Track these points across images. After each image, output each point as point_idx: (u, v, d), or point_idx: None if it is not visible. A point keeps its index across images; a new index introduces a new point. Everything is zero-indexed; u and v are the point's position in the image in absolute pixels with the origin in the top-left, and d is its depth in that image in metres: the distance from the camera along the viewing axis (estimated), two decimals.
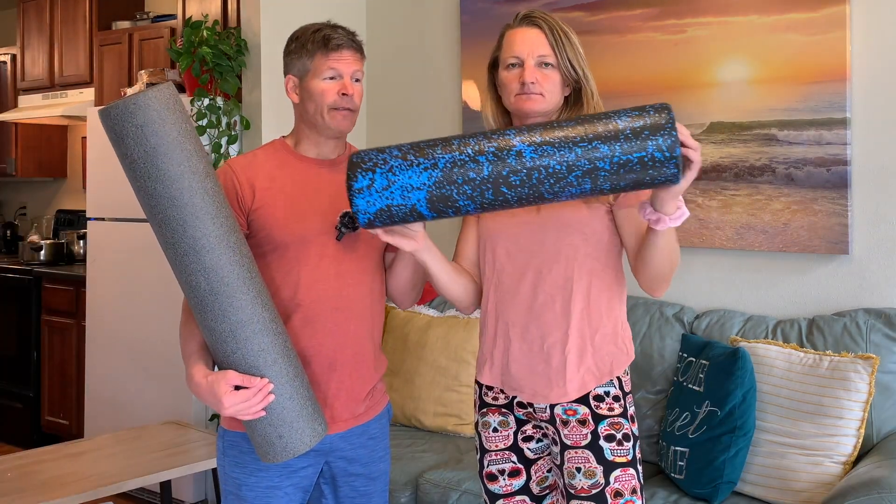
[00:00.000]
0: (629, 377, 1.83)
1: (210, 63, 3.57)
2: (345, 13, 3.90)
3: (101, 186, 4.16)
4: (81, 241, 5.23)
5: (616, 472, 1.74)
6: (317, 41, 1.87)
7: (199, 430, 3.26)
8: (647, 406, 2.87)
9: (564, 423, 1.78)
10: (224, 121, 3.66)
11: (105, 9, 4.92)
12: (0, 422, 5.06)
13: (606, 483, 1.73)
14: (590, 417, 1.76)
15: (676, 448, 2.60)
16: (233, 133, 3.69)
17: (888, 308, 2.65)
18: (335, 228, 1.84)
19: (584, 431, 1.76)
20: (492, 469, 1.87)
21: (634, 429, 1.79)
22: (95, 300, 4.18)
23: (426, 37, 3.87)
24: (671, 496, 2.54)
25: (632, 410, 1.80)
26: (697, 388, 2.63)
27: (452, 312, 3.35)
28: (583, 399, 1.77)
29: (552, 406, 1.78)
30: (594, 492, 1.73)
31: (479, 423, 1.90)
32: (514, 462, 1.86)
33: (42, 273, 4.88)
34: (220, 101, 3.65)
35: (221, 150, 3.63)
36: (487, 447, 1.88)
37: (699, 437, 2.54)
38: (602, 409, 1.77)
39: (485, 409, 1.89)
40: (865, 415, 2.42)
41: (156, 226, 1.64)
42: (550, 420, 1.80)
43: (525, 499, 1.86)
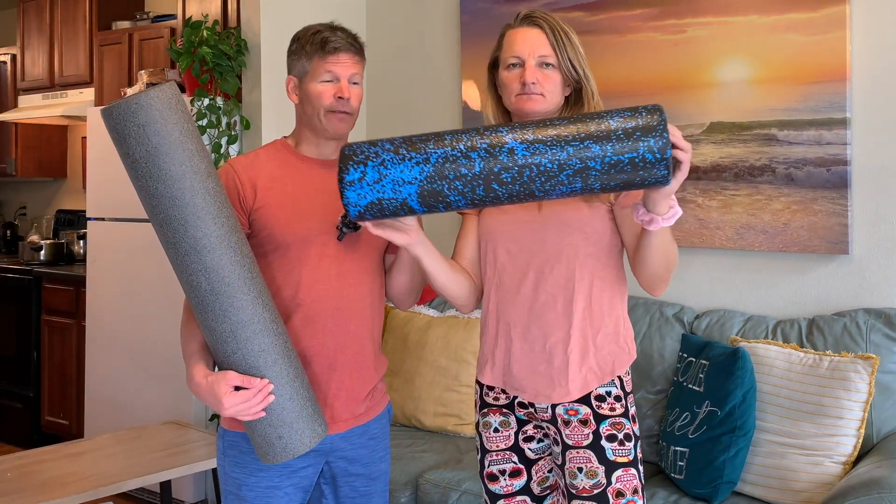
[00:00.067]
0: (630, 377, 1.83)
1: (210, 63, 3.57)
2: (345, 13, 3.90)
3: (101, 186, 4.16)
4: (81, 241, 5.23)
5: (618, 472, 1.74)
6: (315, 43, 1.86)
7: (199, 430, 3.26)
8: (647, 406, 2.87)
9: (566, 423, 1.77)
10: (224, 121, 3.66)
11: (105, 9, 4.92)
12: (0, 422, 5.06)
13: (608, 483, 1.73)
14: (591, 417, 1.76)
15: (676, 448, 2.60)
16: (233, 133, 3.69)
17: (888, 308, 2.65)
18: (336, 228, 1.83)
19: (586, 431, 1.76)
20: (493, 469, 1.87)
21: (636, 429, 1.79)
22: (95, 300, 4.18)
23: (426, 37, 3.87)
24: (671, 496, 2.54)
25: (633, 410, 1.80)
26: (697, 388, 2.63)
27: (452, 312, 3.35)
28: (584, 399, 1.77)
29: (553, 406, 1.78)
30: (596, 492, 1.73)
31: (480, 424, 1.89)
32: (515, 462, 1.86)
33: (42, 273, 4.88)
34: (220, 101, 3.65)
35: (221, 151, 3.63)
36: (488, 447, 1.88)
37: (699, 437, 2.54)
38: (603, 409, 1.77)
39: (486, 410, 1.88)
40: (865, 415, 2.42)
41: (157, 225, 1.64)
42: (552, 420, 1.80)
43: (526, 499, 1.86)
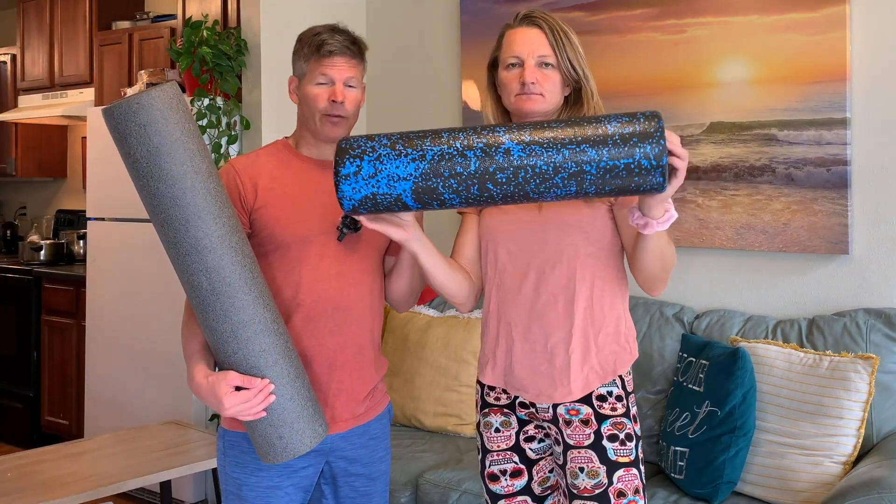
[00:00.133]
0: (631, 377, 1.83)
1: (210, 63, 3.57)
2: (345, 13, 3.90)
3: (101, 186, 4.16)
4: (81, 241, 5.23)
5: (619, 472, 1.74)
6: (312, 45, 1.87)
7: (199, 430, 3.26)
8: (647, 406, 2.87)
9: (567, 423, 1.77)
10: (224, 121, 3.66)
11: (105, 9, 4.92)
12: (0, 422, 5.06)
13: (609, 483, 1.73)
14: (593, 417, 1.76)
15: (676, 448, 2.60)
16: (233, 133, 3.69)
17: (888, 308, 2.65)
18: (336, 229, 1.84)
19: (587, 431, 1.76)
20: (493, 469, 1.87)
21: (637, 428, 1.79)
22: (95, 300, 4.18)
23: (426, 37, 3.87)
24: (671, 496, 2.54)
25: (634, 410, 1.80)
26: (697, 388, 2.63)
27: (452, 312, 3.35)
28: (585, 399, 1.77)
29: (555, 406, 1.78)
30: (597, 492, 1.73)
31: (481, 424, 1.89)
32: (516, 462, 1.86)
33: (42, 273, 4.88)
34: (220, 101, 3.65)
35: (221, 151, 3.63)
36: (489, 447, 1.87)
37: (699, 437, 2.54)
38: (605, 409, 1.77)
39: (487, 410, 1.88)
40: (865, 415, 2.42)
41: (158, 225, 1.64)
42: (553, 420, 1.80)
43: (527, 499, 1.86)
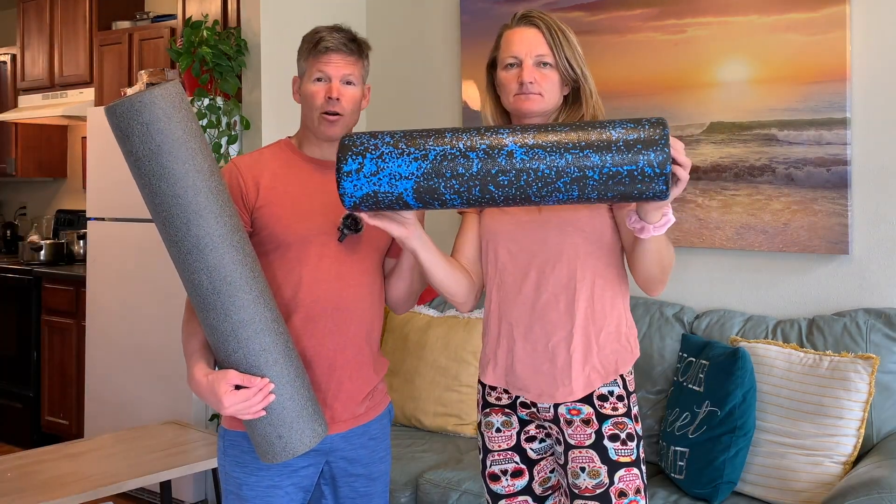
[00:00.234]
0: (633, 376, 1.83)
1: (210, 63, 3.57)
2: (345, 13, 3.90)
3: (101, 186, 4.16)
4: (81, 241, 5.23)
5: (620, 472, 1.74)
6: (310, 43, 1.87)
7: (199, 430, 3.26)
8: (648, 406, 2.87)
9: (568, 423, 1.77)
10: (224, 121, 3.66)
11: (105, 9, 4.92)
12: (0, 422, 5.06)
13: (611, 483, 1.73)
14: (594, 417, 1.76)
15: (676, 448, 2.60)
16: (233, 133, 3.69)
17: (888, 308, 2.65)
18: (337, 229, 1.84)
19: (588, 431, 1.76)
20: (494, 469, 1.87)
21: (638, 428, 1.79)
22: (95, 300, 4.18)
23: (426, 37, 3.87)
24: (671, 496, 2.54)
25: (636, 410, 1.80)
26: (697, 388, 2.63)
27: (452, 312, 3.35)
28: (587, 398, 1.77)
29: (556, 406, 1.78)
30: (598, 491, 1.73)
31: (482, 423, 1.89)
32: (517, 462, 1.86)
33: (42, 273, 4.87)
34: (220, 101, 3.65)
35: (221, 151, 3.63)
36: (490, 447, 1.87)
37: (699, 437, 2.54)
38: (606, 409, 1.77)
39: (488, 410, 1.88)
40: (865, 415, 2.42)
41: (160, 224, 1.64)
42: (554, 420, 1.79)
43: (528, 499, 1.86)
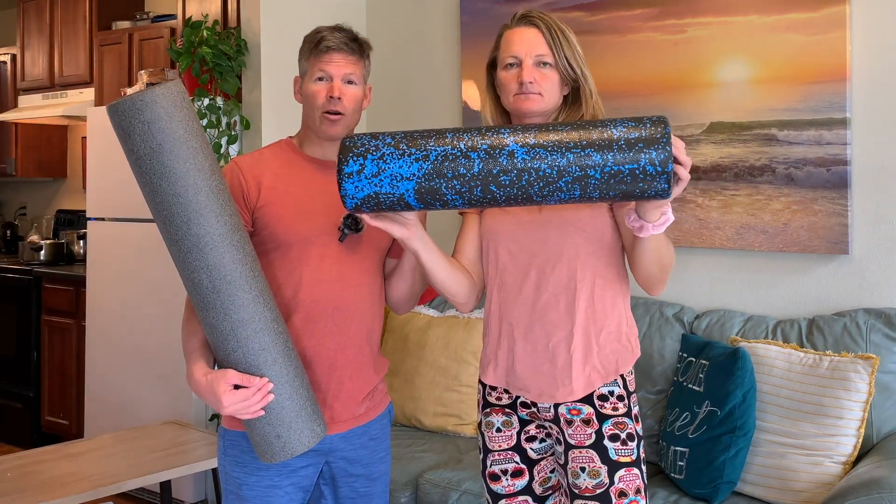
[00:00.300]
0: (633, 376, 1.83)
1: (210, 63, 3.57)
2: (345, 13, 3.90)
3: (101, 186, 4.16)
4: (81, 241, 5.23)
5: (620, 472, 1.74)
6: (312, 43, 1.88)
7: (199, 430, 3.26)
8: (647, 406, 2.87)
9: (568, 423, 1.77)
10: (224, 121, 3.66)
11: (105, 9, 4.92)
12: (0, 422, 5.06)
13: (611, 483, 1.73)
14: (594, 417, 1.76)
15: (676, 448, 2.60)
16: (233, 133, 3.69)
17: (888, 308, 2.65)
18: (338, 229, 1.84)
19: (589, 431, 1.76)
20: (495, 469, 1.87)
21: (639, 428, 1.79)
22: (95, 300, 4.18)
23: (426, 37, 3.87)
24: (671, 496, 2.54)
25: (636, 410, 1.80)
26: (697, 388, 2.63)
27: (452, 312, 3.35)
28: (587, 398, 1.77)
29: (556, 406, 1.78)
30: (598, 491, 1.73)
31: (483, 423, 1.89)
32: (518, 462, 1.86)
33: (42, 273, 4.87)
34: (220, 101, 3.65)
35: (221, 151, 3.63)
36: (491, 447, 1.87)
37: (699, 437, 2.54)
38: (606, 409, 1.76)
39: (488, 409, 1.88)
40: (865, 415, 2.42)
41: (160, 222, 1.64)
42: (554, 420, 1.79)
43: (528, 499, 1.86)
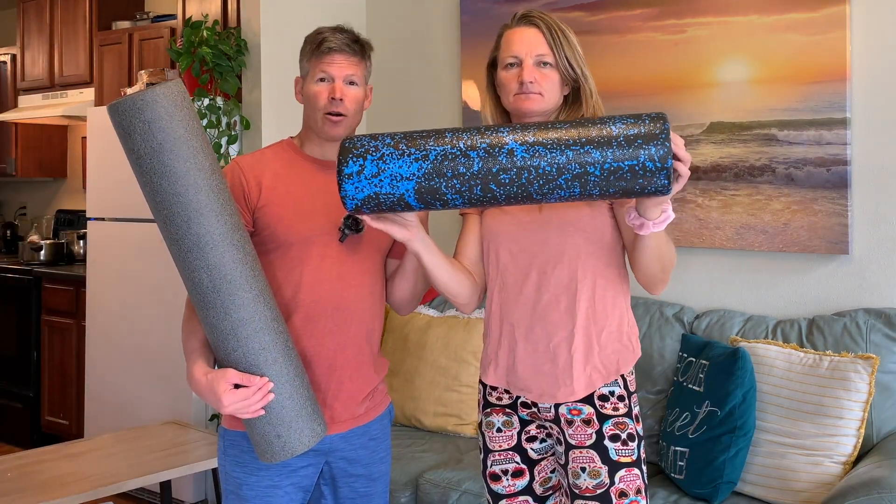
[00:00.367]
0: (634, 376, 1.83)
1: (210, 63, 3.57)
2: (345, 13, 3.90)
3: (101, 186, 4.16)
4: (81, 241, 5.23)
5: (621, 472, 1.74)
6: (314, 44, 1.88)
7: (199, 430, 3.26)
8: (647, 406, 2.87)
9: (569, 423, 1.77)
10: (224, 121, 3.66)
11: (105, 9, 4.92)
12: (0, 422, 5.06)
13: (611, 483, 1.73)
14: (594, 417, 1.76)
15: (676, 448, 2.60)
16: (233, 133, 3.69)
17: (888, 308, 2.65)
18: (338, 230, 1.84)
19: (589, 431, 1.76)
20: (495, 469, 1.87)
21: (639, 428, 1.79)
22: (95, 300, 4.18)
23: (426, 37, 3.87)
24: (671, 496, 2.54)
25: (636, 410, 1.80)
26: (697, 388, 2.63)
27: (452, 312, 3.35)
28: (587, 399, 1.77)
29: (557, 406, 1.78)
30: (599, 492, 1.73)
31: (483, 423, 1.89)
32: (518, 462, 1.86)
33: (42, 273, 4.87)
34: (220, 101, 3.65)
35: (221, 150, 3.63)
36: (491, 447, 1.87)
37: (699, 437, 2.54)
38: (607, 409, 1.76)
39: (489, 409, 1.88)
40: (865, 415, 2.42)
41: (160, 222, 1.65)
42: (555, 420, 1.79)
43: (528, 499, 1.86)
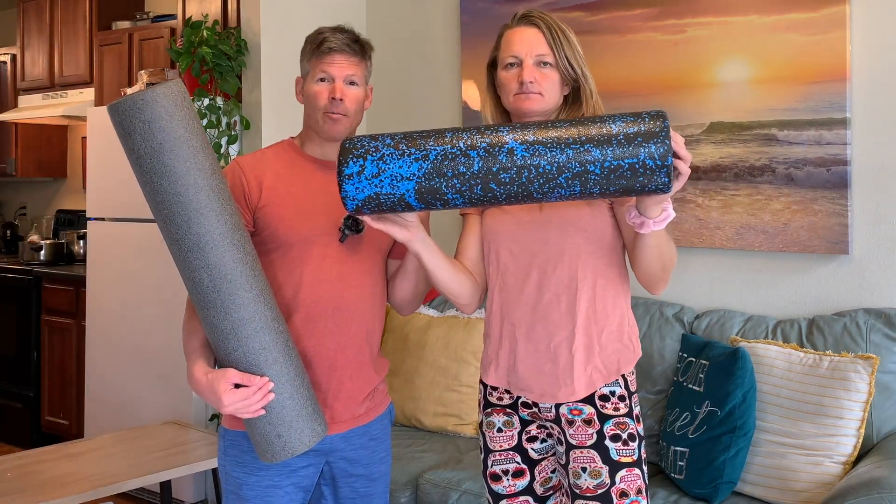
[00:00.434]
0: (634, 376, 1.83)
1: (210, 63, 3.57)
2: (345, 13, 3.90)
3: (101, 186, 4.16)
4: (81, 241, 5.23)
5: (622, 472, 1.74)
6: (314, 44, 1.88)
7: (199, 430, 3.26)
8: (647, 406, 2.87)
9: (570, 423, 1.77)
10: (224, 121, 3.66)
11: (105, 9, 4.92)
12: (0, 422, 5.06)
13: (612, 483, 1.73)
14: (595, 417, 1.76)
15: (676, 448, 2.60)
16: (233, 133, 3.69)
17: (888, 308, 2.65)
18: (338, 230, 1.84)
19: (590, 431, 1.76)
20: (496, 469, 1.87)
21: (640, 428, 1.79)
22: (95, 300, 4.18)
23: (426, 37, 3.87)
24: (671, 496, 2.54)
25: (637, 410, 1.80)
26: (697, 388, 2.63)
27: (452, 312, 3.35)
28: (588, 399, 1.77)
29: (557, 406, 1.78)
30: (599, 492, 1.73)
31: (484, 423, 1.89)
32: (518, 462, 1.86)
33: (42, 273, 4.87)
34: (220, 101, 3.65)
35: (221, 150, 3.63)
36: (491, 447, 1.87)
37: (699, 437, 2.54)
38: (607, 409, 1.76)
39: (489, 409, 1.88)
40: (865, 415, 2.42)
41: (161, 221, 1.65)
42: (555, 420, 1.79)
43: (529, 499, 1.85)
